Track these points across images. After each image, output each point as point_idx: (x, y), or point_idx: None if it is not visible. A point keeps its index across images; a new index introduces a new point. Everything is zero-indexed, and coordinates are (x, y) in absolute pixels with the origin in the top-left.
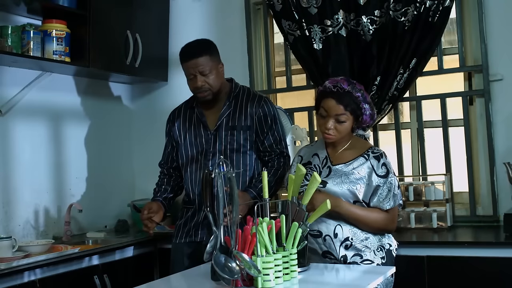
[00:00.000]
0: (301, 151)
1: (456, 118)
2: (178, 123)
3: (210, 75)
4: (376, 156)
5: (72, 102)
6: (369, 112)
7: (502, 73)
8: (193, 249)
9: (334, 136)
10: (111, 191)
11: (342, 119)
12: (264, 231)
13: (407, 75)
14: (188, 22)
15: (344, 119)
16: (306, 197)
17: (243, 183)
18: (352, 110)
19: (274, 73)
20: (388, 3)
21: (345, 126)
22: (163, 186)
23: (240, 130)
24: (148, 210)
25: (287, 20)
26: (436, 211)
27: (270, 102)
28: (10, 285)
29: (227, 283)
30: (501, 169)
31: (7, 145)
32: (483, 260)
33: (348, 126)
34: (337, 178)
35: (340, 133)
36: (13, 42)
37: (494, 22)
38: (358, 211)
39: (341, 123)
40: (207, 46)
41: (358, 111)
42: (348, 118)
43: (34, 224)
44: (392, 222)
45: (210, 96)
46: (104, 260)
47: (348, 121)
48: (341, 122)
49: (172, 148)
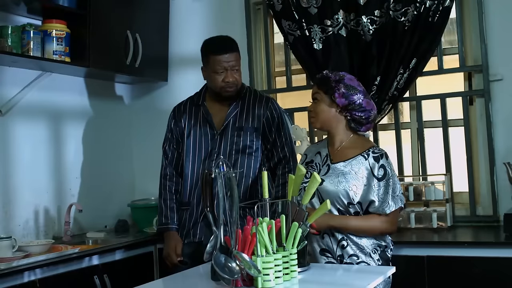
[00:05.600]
0: (307, 149)
1: (456, 118)
2: (184, 118)
3: (238, 71)
4: (376, 156)
5: (72, 102)
6: (343, 91)
7: (502, 73)
8: (193, 249)
9: (314, 118)
10: (111, 191)
11: (316, 97)
12: (264, 231)
13: (407, 75)
14: (188, 22)
15: (318, 98)
16: (306, 197)
17: (245, 186)
18: (326, 89)
19: (274, 73)
20: (388, 3)
21: (321, 107)
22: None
23: (247, 132)
24: (176, 255)
25: (287, 20)
26: (436, 211)
27: (276, 103)
28: (10, 285)
29: (227, 283)
30: (501, 169)
31: (7, 145)
32: (483, 260)
33: (324, 107)
34: (334, 177)
35: (317, 114)
36: (13, 42)
37: (494, 22)
38: (353, 223)
39: (315, 102)
40: (236, 43)
41: (330, 90)
42: (322, 96)
43: (34, 224)
44: (392, 225)
45: (235, 92)
46: (104, 260)
47: (322, 100)
48: (315, 100)
49: (178, 144)
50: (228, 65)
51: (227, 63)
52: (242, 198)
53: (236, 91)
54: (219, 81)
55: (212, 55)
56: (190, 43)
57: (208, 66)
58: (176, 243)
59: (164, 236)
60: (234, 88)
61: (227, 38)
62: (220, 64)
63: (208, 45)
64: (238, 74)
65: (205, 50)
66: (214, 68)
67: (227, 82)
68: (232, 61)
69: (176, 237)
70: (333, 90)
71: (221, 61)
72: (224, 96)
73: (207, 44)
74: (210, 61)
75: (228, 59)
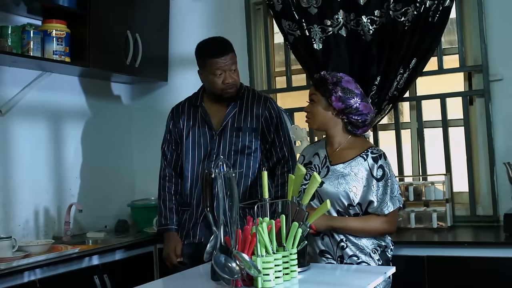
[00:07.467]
0: (304, 150)
1: (456, 118)
2: (183, 119)
3: (236, 71)
4: (375, 157)
5: (72, 102)
6: (340, 95)
7: (502, 73)
8: (193, 249)
9: (310, 119)
10: (111, 191)
11: (312, 99)
12: (264, 231)
13: (407, 75)
14: (188, 22)
15: (315, 99)
16: (306, 197)
17: (245, 186)
18: (323, 91)
19: (274, 73)
20: (388, 3)
21: (317, 108)
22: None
23: (246, 132)
24: (176, 256)
25: (287, 20)
26: (436, 211)
27: (275, 102)
28: (10, 285)
29: (227, 283)
30: (501, 169)
31: (7, 145)
32: (483, 260)
33: (321, 109)
34: (334, 179)
35: (314, 116)
36: (13, 42)
37: (494, 22)
38: (353, 224)
39: (312, 103)
40: (230, 43)
41: (327, 93)
42: (319, 98)
43: (34, 224)
44: (391, 225)
45: (235, 93)
46: (104, 260)
47: (319, 102)
48: (312, 102)
49: (177, 145)
50: (226, 67)
51: (225, 65)
52: (242, 198)
53: (236, 91)
54: (218, 83)
55: (209, 59)
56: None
57: (205, 69)
58: (176, 243)
59: (164, 237)
60: (234, 89)
61: (221, 39)
62: (218, 66)
63: (204, 49)
64: (236, 74)
65: (201, 53)
66: (212, 71)
67: (227, 83)
68: (229, 63)
69: (176, 237)
70: (330, 93)
71: (219, 64)
72: (225, 97)
73: (203, 47)
74: (207, 64)
75: (225, 61)
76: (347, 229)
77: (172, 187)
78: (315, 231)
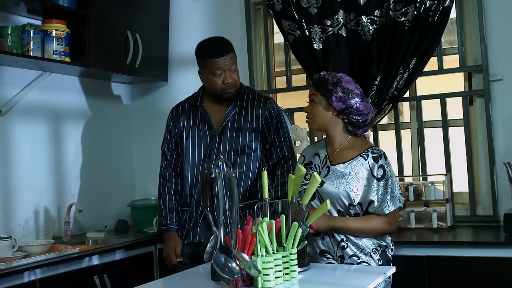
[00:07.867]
0: (305, 150)
1: (456, 118)
2: (183, 119)
3: (236, 71)
4: (375, 157)
5: (72, 102)
6: (340, 95)
7: (502, 73)
8: (193, 249)
9: (310, 120)
10: (111, 191)
11: (313, 99)
12: (264, 231)
13: (407, 75)
14: (188, 22)
15: (315, 99)
16: (306, 197)
17: (245, 186)
18: (323, 91)
19: (274, 73)
20: (388, 3)
21: (318, 109)
22: (172, 206)
23: (246, 132)
24: (176, 256)
25: (287, 20)
26: (436, 211)
27: (275, 102)
28: (10, 285)
29: (227, 283)
30: (501, 169)
31: (7, 145)
32: (483, 260)
33: (321, 110)
34: (335, 178)
35: (314, 117)
36: (13, 42)
37: (494, 22)
38: (353, 224)
39: (312, 103)
40: (230, 43)
41: (328, 93)
42: (319, 99)
43: (34, 224)
44: (392, 225)
45: (235, 93)
46: (104, 260)
47: (319, 102)
48: (312, 102)
49: (177, 145)
50: (226, 67)
51: (225, 65)
52: (242, 198)
53: (236, 91)
54: (218, 83)
55: (209, 59)
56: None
57: (205, 69)
58: (176, 244)
59: (164, 237)
60: (234, 89)
61: (221, 39)
62: (218, 67)
63: (204, 49)
64: (236, 74)
65: (201, 53)
66: (212, 71)
67: (227, 83)
68: (229, 63)
69: (176, 237)
70: (330, 94)
71: (219, 64)
72: (225, 97)
73: (203, 47)
74: (208, 64)
75: (225, 61)
76: (347, 229)
77: (172, 187)
78: (315, 231)
